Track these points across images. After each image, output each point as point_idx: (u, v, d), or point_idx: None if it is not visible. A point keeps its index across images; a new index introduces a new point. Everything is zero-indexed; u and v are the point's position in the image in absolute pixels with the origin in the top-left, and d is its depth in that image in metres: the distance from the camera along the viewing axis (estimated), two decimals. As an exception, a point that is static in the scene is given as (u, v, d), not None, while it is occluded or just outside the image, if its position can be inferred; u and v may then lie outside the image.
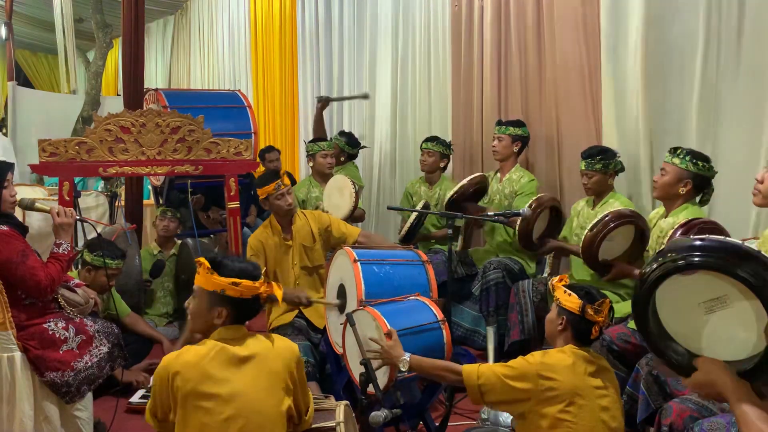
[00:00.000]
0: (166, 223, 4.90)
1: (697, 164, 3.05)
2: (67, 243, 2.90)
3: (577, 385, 2.15)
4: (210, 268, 2.10)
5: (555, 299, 2.34)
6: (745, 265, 1.39)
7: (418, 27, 5.65)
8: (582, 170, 3.65)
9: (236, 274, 2.11)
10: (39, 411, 2.76)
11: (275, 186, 3.63)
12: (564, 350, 2.24)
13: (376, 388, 2.42)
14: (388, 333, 2.56)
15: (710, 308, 1.48)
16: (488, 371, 2.23)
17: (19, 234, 2.78)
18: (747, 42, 3.41)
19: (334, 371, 3.29)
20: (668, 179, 3.10)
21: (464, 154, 5.22)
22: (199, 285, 2.15)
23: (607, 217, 3.22)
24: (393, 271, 3.14)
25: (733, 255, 1.41)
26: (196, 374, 2.04)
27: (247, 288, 2.11)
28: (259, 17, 8.25)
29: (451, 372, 2.35)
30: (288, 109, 7.78)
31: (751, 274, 1.38)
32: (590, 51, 4.20)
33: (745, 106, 3.43)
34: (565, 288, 2.32)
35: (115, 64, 12.94)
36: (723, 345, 1.48)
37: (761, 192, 2.57)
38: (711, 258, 1.43)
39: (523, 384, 2.16)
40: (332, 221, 3.82)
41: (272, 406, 2.10)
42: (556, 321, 2.31)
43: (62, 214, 2.93)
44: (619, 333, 2.94)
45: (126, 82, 5.11)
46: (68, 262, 2.89)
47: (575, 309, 2.26)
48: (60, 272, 2.82)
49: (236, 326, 2.15)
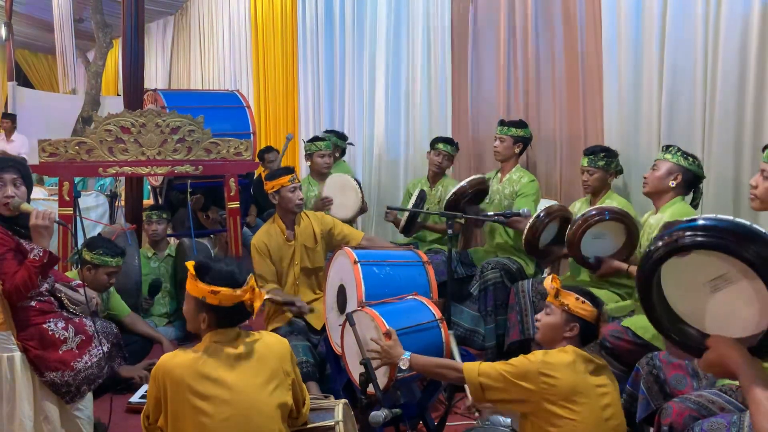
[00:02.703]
0: (154, 227, 4.85)
1: (687, 159, 3.17)
2: (39, 248, 2.69)
3: (578, 384, 2.15)
4: (194, 274, 2.11)
5: (561, 305, 2.31)
6: (747, 244, 1.38)
7: (419, 27, 5.64)
8: (584, 166, 3.65)
9: (218, 280, 2.09)
10: (39, 411, 2.76)
11: (290, 178, 3.63)
12: (565, 350, 2.24)
13: (376, 388, 2.42)
14: (387, 333, 2.56)
15: (715, 286, 1.46)
16: (489, 369, 2.23)
17: (5, 235, 2.72)
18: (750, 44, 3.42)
19: (334, 371, 3.29)
20: (659, 173, 3.19)
21: (464, 153, 5.21)
22: (187, 289, 2.17)
23: (593, 211, 3.27)
24: (393, 272, 3.14)
25: (735, 233, 1.40)
26: (192, 375, 2.04)
27: (225, 297, 2.09)
28: (259, 17, 8.25)
29: (452, 369, 2.35)
30: (288, 109, 7.78)
31: (754, 255, 1.37)
32: (592, 50, 4.20)
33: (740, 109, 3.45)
34: (576, 294, 2.30)
35: (115, 64, 12.95)
36: (730, 323, 1.47)
37: (758, 196, 2.57)
38: (713, 238, 1.42)
39: (525, 382, 2.16)
40: (335, 224, 3.82)
41: (270, 402, 2.12)
42: (564, 327, 2.29)
43: (38, 216, 2.68)
44: (611, 330, 2.97)
45: (126, 82, 5.11)
46: (39, 268, 2.67)
47: (590, 317, 2.27)
48: (26, 280, 2.65)
49: (226, 329, 2.16)
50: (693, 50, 3.62)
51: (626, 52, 3.95)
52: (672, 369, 2.57)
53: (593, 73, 4.20)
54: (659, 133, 3.81)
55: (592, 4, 4.17)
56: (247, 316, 2.18)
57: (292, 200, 3.63)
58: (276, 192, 3.64)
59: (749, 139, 3.40)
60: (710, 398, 2.26)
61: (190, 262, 2.15)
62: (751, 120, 3.39)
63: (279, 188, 3.63)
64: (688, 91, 3.67)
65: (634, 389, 2.69)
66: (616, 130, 4.05)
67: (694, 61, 3.62)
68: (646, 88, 3.87)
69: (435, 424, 3.03)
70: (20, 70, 14.27)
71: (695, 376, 2.55)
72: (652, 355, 2.65)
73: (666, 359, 2.60)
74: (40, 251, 2.68)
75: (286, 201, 3.64)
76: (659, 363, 2.60)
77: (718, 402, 2.23)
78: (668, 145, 3.24)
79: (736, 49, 3.42)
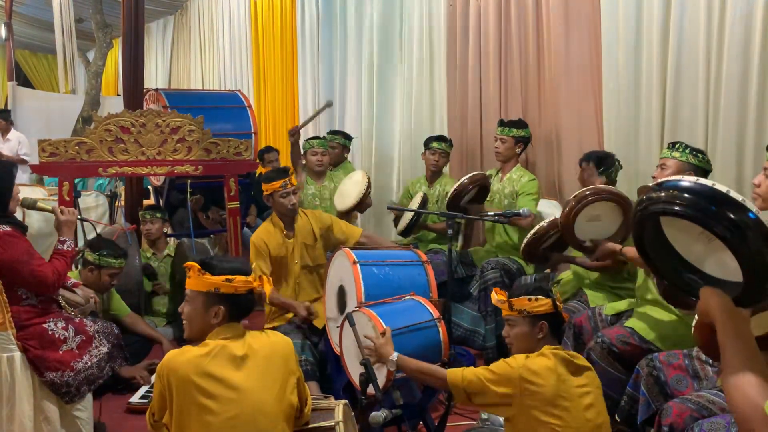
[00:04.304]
0: (148, 227, 4.85)
1: (697, 156, 3.08)
2: (70, 240, 3.00)
3: (560, 388, 2.15)
4: (201, 269, 2.14)
5: (519, 313, 2.28)
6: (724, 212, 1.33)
7: (417, 26, 5.64)
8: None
9: (228, 271, 2.15)
10: (39, 411, 2.76)
11: (281, 184, 3.62)
12: (544, 353, 2.23)
13: (376, 388, 2.42)
14: (382, 332, 2.56)
15: (710, 237, 1.45)
16: (472, 375, 2.24)
17: (21, 233, 2.79)
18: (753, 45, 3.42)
19: (334, 371, 3.29)
20: (670, 173, 3.07)
21: (461, 153, 5.21)
22: (191, 288, 2.17)
23: (588, 191, 3.19)
24: (392, 272, 3.14)
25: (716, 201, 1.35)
26: (197, 373, 2.04)
27: (241, 283, 2.15)
28: (259, 17, 8.25)
29: (435, 376, 2.36)
30: (288, 109, 7.78)
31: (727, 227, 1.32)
32: (591, 50, 4.20)
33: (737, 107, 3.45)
34: (526, 296, 2.28)
35: (115, 64, 12.94)
36: (724, 270, 1.45)
37: (761, 196, 2.56)
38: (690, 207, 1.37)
39: (506, 389, 2.17)
40: (334, 221, 3.82)
41: (276, 401, 2.12)
42: (534, 331, 2.28)
43: (66, 212, 3.05)
44: (618, 335, 2.93)
45: (126, 82, 5.11)
46: (72, 258, 2.98)
47: (550, 309, 2.27)
48: (66, 268, 2.89)
49: (234, 324, 2.18)
50: (696, 50, 3.61)
51: (626, 52, 3.95)
52: (672, 370, 2.57)
53: (593, 72, 4.20)
54: (661, 132, 3.81)
55: (592, 1, 4.17)
56: (253, 306, 2.24)
57: (285, 205, 3.64)
58: (269, 195, 3.67)
59: (752, 139, 3.40)
60: (710, 398, 2.26)
61: (190, 263, 2.17)
62: (754, 119, 3.39)
63: (272, 192, 3.64)
64: (690, 90, 3.66)
65: (635, 391, 2.68)
66: (615, 130, 4.04)
67: (696, 61, 3.62)
68: (645, 88, 3.87)
69: (435, 425, 3.03)
70: (20, 70, 14.26)
71: (695, 377, 2.54)
72: (652, 357, 2.64)
73: (666, 360, 2.60)
74: (71, 243, 2.99)
75: (279, 205, 3.67)
76: (659, 364, 2.59)
77: (718, 402, 2.23)
78: (675, 142, 3.15)
79: (740, 49, 3.42)
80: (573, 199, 3.21)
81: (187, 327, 2.21)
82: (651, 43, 3.82)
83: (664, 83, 3.79)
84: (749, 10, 3.37)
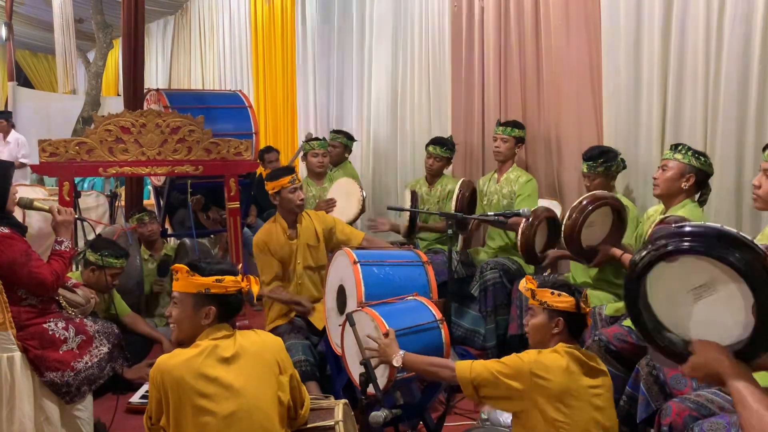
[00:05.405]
0: (142, 230, 4.83)
1: (699, 159, 3.08)
2: (68, 240, 2.96)
3: (570, 386, 2.14)
4: (190, 270, 2.16)
5: (539, 303, 2.29)
6: (732, 250, 1.42)
7: (417, 26, 5.65)
8: (584, 173, 3.63)
9: (217, 272, 2.17)
10: (39, 411, 2.77)
11: (290, 180, 3.62)
12: (557, 350, 2.23)
13: (376, 388, 2.42)
14: (386, 333, 2.56)
15: (698, 295, 1.50)
16: (481, 367, 2.24)
17: (19, 234, 2.79)
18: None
19: (334, 371, 3.29)
20: (671, 174, 3.09)
21: (464, 153, 5.21)
22: (179, 290, 2.18)
23: (585, 201, 3.21)
24: (393, 272, 3.13)
25: (721, 240, 1.45)
26: (191, 375, 2.05)
27: (231, 283, 2.17)
28: (259, 17, 8.25)
29: (444, 368, 2.36)
30: (288, 110, 7.78)
31: (738, 259, 1.41)
32: (591, 50, 4.20)
33: (737, 107, 3.45)
34: (551, 289, 2.28)
35: (116, 64, 12.95)
36: (714, 330, 1.50)
37: (761, 196, 2.56)
38: (698, 243, 1.46)
39: (516, 382, 2.17)
40: (336, 223, 3.82)
41: (269, 399, 2.14)
42: (550, 325, 2.28)
43: (62, 212, 3.00)
44: (615, 333, 2.94)
45: (126, 82, 5.11)
46: (70, 259, 2.94)
47: (571, 307, 2.25)
48: (64, 269, 2.87)
49: (224, 324, 2.20)
50: (696, 50, 3.61)
51: (626, 52, 3.95)
52: (671, 369, 2.57)
53: (593, 72, 4.20)
54: (661, 132, 3.80)
55: (592, 2, 4.16)
56: (241, 305, 2.25)
57: (293, 201, 3.62)
58: (276, 193, 3.64)
59: (752, 139, 3.39)
60: (709, 398, 2.26)
61: (177, 265, 2.19)
62: (754, 119, 3.39)
63: (279, 189, 3.62)
64: (690, 90, 3.66)
65: (635, 390, 2.69)
66: (615, 130, 4.04)
67: (696, 61, 3.61)
68: (646, 88, 3.87)
69: (435, 424, 3.03)
70: (20, 70, 14.27)
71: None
72: (650, 352, 2.64)
73: (666, 360, 2.60)
74: (69, 243, 2.94)
75: (287, 202, 3.64)
76: (659, 364, 2.59)
77: (718, 401, 2.23)
78: (677, 144, 3.15)
79: (740, 49, 3.42)
80: (574, 210, 3.20)
81: (175, 330, 2.22)
82: (651, 43, 3.82)
83: (665, 83, 3.79)
84: (749, 10, 3.37)
